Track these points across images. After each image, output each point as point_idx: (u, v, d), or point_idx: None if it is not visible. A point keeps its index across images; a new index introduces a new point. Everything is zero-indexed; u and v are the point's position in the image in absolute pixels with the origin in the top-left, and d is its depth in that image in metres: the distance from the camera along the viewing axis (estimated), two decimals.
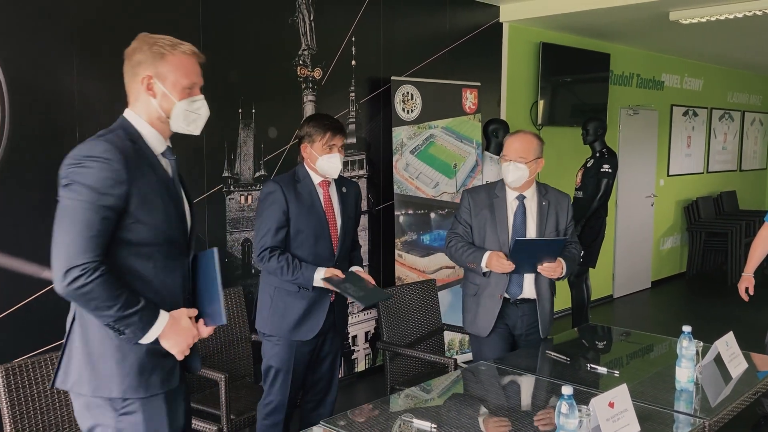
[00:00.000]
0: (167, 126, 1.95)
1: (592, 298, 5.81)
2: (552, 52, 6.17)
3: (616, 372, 2.73)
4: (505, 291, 3.08)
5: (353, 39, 4.58)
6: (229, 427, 2.99)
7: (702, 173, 9.01)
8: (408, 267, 4.80)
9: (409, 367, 3.65)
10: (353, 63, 4.60)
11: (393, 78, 4.71)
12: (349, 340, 4.72)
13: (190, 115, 1.96)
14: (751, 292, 3.65)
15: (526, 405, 2.54)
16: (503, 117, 5.82)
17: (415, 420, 2.20)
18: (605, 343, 3.42)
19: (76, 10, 3.27)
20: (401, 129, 4.75)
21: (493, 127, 5.26)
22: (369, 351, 4.88)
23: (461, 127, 5.13)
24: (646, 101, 7.72)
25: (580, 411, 1.96)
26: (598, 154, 5.41)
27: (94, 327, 1.84)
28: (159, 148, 1.95)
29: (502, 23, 5.74)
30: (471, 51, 5.45)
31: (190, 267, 2.01)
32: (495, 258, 2.99)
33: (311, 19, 4.31)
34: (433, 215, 4.96)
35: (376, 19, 4.71)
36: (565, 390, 1.95)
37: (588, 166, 5.46)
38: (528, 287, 3.10)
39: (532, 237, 3.07)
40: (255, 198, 4.10)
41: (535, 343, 3.16)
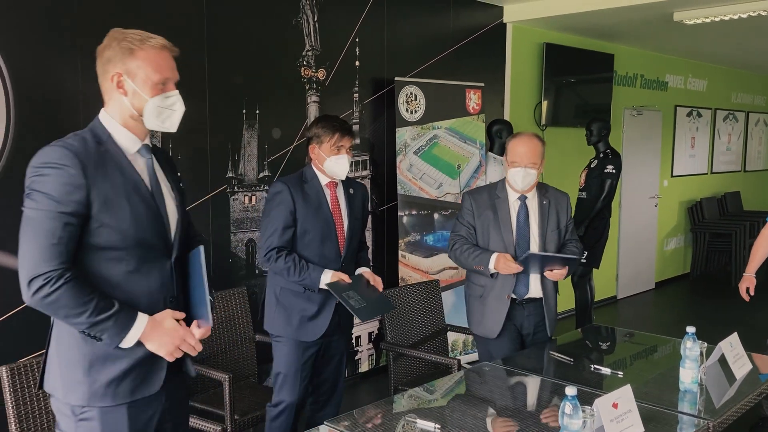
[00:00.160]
0: (141, 124, 1.87)
1: (596, 299, 5.80)
2: (556, 53, 6.17)
3: (619, 373, 2.73)
4: (512, 291, 3.08)
5: (357, 40, 4.58)
6: (233, 427, 2.99)
7: (706, 174, 8.99)
8: (411, 268, 4.81)
9: (413, 368, 3.65)
10: (357, 64, 4.60)
11: (397, 79, 4.71)
12: (353, 341, 4.72)
13: (164, 112, 1.87)
14: (752, 293, 3.66)
15: (530, 405, 2.54)
16: (507, 118, 5.82)
17: (418, 420, 2.20)
18: (609, 343, 3.42)
19: (81, 10, 3.29)
20: (405, 130, 4.75)
21: (496, 127, 5.27)
22: (373, 351, 4.88)
23: (465, 128, 5.13)
24: (650, 102, 7.70)
25: (584, 412, 1.96)
26: (601, 155, 5.41)
27: (64, 334, 1.80)
28: (132, 147, 1.87)
29: (505, 24, 5.74)
30: (474, 51, 5.45)
31: (173, 269, 1.92)
32: (503, 261, 2.98)
33: (315, 19, 4.31)
34: (436, 216, 4.96)
35: (379, 19, 4.72)
36: (569, 391, 1.94)
37: (592, 166, 5.46)
38: (534, 286, 3.11)
39: (535, 236, 3.08)
40: (259, 198, 4.11)
41: (543, 341, 3.18)
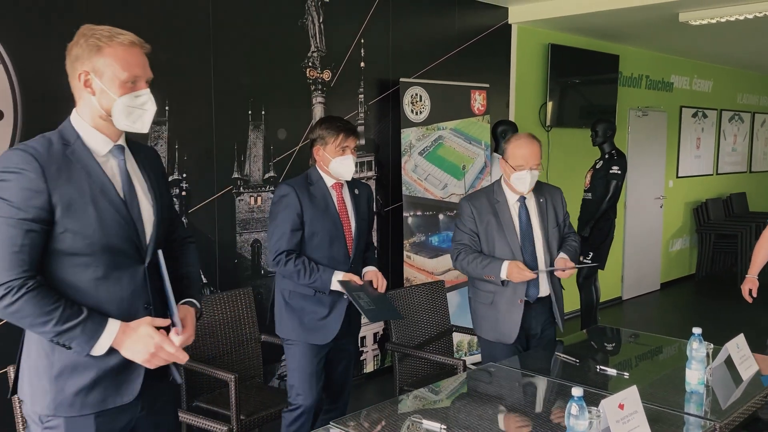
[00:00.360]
0: (112, 124, 1.78)
1: (601, 300, 5.80)
2: (561, 54, 6.16)
3: (625, 374, 2.72)
4: (525, 294, 3.06)
5: (362, 41, 4.59)
6: (239, 427, 3.00)
7: (711, 175, 8.97)
8: (416, 268, 4.81)
9: (418, 369, 3.65)
10: (362, 65, 4.61)
11: (402, 80, 4.72)
12: (358, 341, 4.72)
13: (135, 112, 1.78)
14: (754, 294, 3.65)
15: (536, 406, 2.54)
16: (512, 118, 5.82)
17: (424, 421, 2.20)
18: (614, 345, 3.41)
19: (87, 8, 3.30)
20: (410, 130, 4.76)
21: (501, 128, 5.27)
22: (378, 352, 4.89)
23: (470, 129, 5.13)
24: (656, 102, 7.69)
25: (590, 413, 1.96)
26: (607, 156, 5.40)
27: (32, 342, 1.77)
28: (102, 148, 1.79)
29: (510, 25, 5.74)
30: (480, 52, 5.45)
31: (147, 274, 1.83)
32: (516, 270, 2.95)
33: (320, 21, 4.32)
34: (441, 217, 4.97)
35: (384, 20, 4.72)
36: (576, 391, 1.94)
37: (597, 167, 5.45)
38: (544, 286, 3.11)
39: (539, 236, 3.09)
40: (264, 199, 4.12)
41: (550, 339, 3.18)
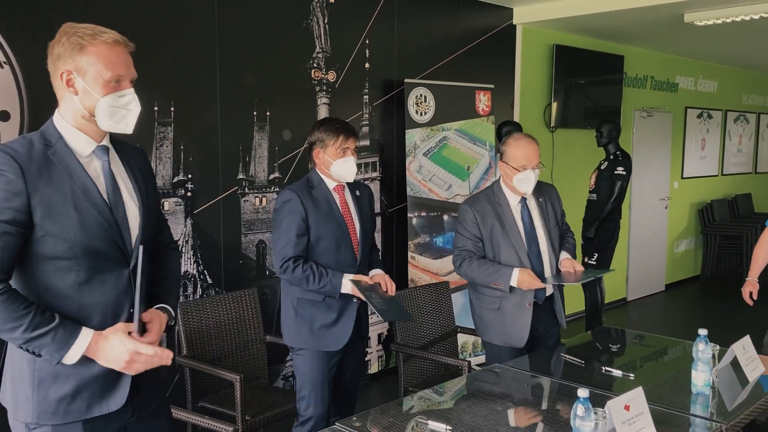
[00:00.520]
0: (95, 125, 1.74)
1: (606, 301, 5.78)
2: (566, 54, 6.16)
3: (630, 375, 2.72)
4: (533, 297, 3.05)
5: (367, 42, 4.59)
6: (245, 427, 3.00)
7: (716, 176, 8.95)
8: (421, 269, 4.81)
9: (423, 370, 3.65)
10: (367, 66, 4.61)
11: (406, 80, 4.72)
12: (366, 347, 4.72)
13: (118, 112, 1.73)
14: (755, 297, 3.64)
15: (541, 408, 2.54)
16: (517, 119, 5.81)
17: (429, 422, 2.20)
18: (619, 346, 3.40)
19: (91, 6, 3.31)
20: (414, 131, 4.76)
21: (506, 129, 5.25)
22: (382, 353, 4.89)
23: (474, 130, 5.13)
24: (661, 103, 7.68)
25: (595, 414, 1.95)
26: (612, 157, 5.40)
27: (15, 349, 1.72)
28: (85, 149, 1.74)
29: (515, 25, 5.73)
30: (484, 53, 5.45)
31: (131, 278, 1.78)
32: (527, 277, 2.92)
33: (325, 22, 4.33)
34: (446, 217, 4.96)
35: (389, 21, 4.73)
36: (582, 393, 1.94)
37: (602, 168, 5.45)
38: (549, 286, 3.10)
39: (542, 237, 3.09)
40: (269, 200, 4.12)
41: (556, 337, 3.18)
